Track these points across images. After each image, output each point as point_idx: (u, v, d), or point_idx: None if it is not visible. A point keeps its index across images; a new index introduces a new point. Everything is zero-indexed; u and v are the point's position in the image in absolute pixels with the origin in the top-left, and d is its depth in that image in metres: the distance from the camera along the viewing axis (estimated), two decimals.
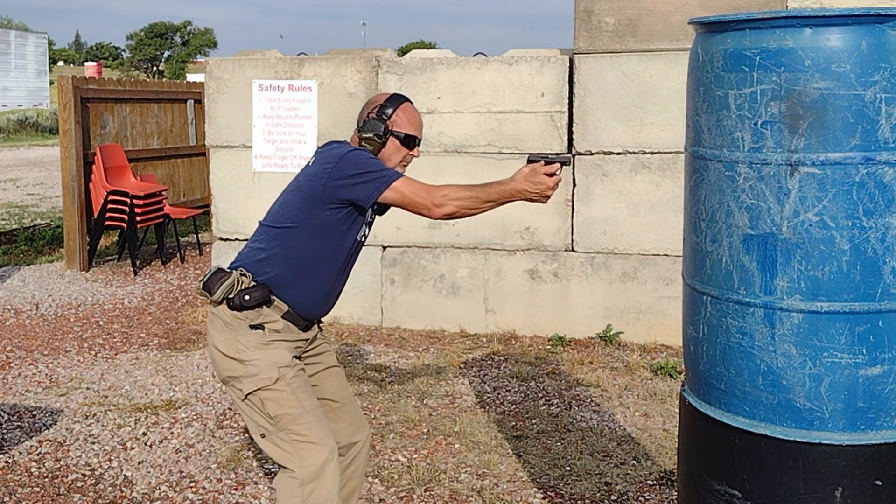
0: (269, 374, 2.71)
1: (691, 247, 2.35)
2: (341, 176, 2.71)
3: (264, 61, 6.53)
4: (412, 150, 2.92)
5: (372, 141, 2.86)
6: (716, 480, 2.28)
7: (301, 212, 2.78)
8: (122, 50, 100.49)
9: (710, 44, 2.23)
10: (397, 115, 2.88)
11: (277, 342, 2.76)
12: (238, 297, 2.71)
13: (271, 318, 2.75)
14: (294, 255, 2.78)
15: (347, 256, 2.88)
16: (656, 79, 5.75)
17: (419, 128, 2.93)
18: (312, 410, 2.74)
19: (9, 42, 43.05)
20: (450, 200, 2.70)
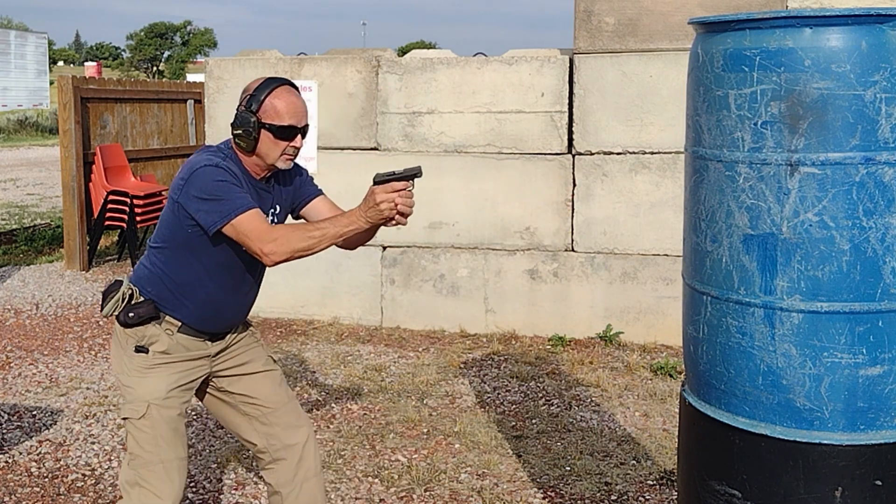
0: (136, 408, 2.60)
1: (691, 247, 2.35)
2: (189, 194, 2.52)
3: (264, 61, 6.53)
4: (292, 141, 2.62)
5: (243, 137, 2.59)
6: (716, 480, 2.28)
7: (168, 231, 2.63)
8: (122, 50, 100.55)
9: (710, 44, 2.23)
10: (267, 103, 2.59)
11: (161, 367, 2.63)
12: (123, 314, 2.61)
13: (155, 338, 2.63)
14: (168, 275, 2.64)
15: (233, 270, 2.67)
16: (656, 79, 5.75)
17: (296, 114, 2.61)
18: (167, 463, 2.61)
19: (9, 42, 43.05)
20: (280, 247, 2.47)
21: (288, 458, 2.83)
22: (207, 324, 2.69)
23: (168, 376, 2.64)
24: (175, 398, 2.66)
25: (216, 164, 2.55)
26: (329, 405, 4.77)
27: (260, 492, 3.74)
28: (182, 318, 2.65)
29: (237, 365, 2.82)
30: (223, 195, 2.51)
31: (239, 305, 2.76)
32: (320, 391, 4.99)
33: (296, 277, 6.53)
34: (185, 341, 2.67)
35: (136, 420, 2.60)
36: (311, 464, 2.86)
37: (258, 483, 3.83)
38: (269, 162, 2.63)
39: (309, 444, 2.87)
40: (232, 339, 2.81)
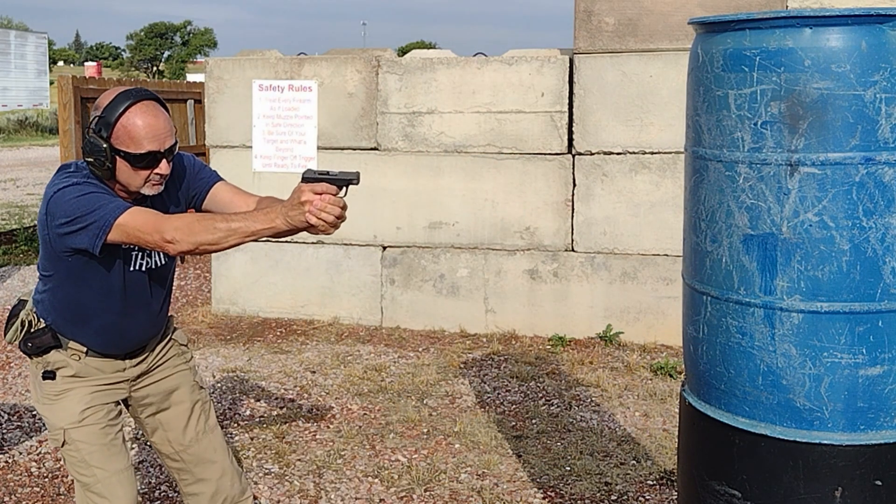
0: (55, 436, 2.48)
1: (691, 247, 2.35)
2: (57, 225, 2.27)
3: (264, 61, 6.53)
4: (156, 168, 2.30)
5: (96, 167, 2.28)
6: (716, 480, 2.28)
7: (46, 261, 2.42)
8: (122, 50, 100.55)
9: (710, 44, 2.23)
10: (120, 127, 2.25)
11: (73, 390, 2.47)
12: (23, 344, 2.46)
13: (63, 363, 2.47)
14: (59, 304, 2.45)
15: (124, 292, 2.45)
16: (656, 79, 5.75)
17: (157, 136, 2.27)
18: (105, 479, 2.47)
19: (9, 42, 43.05)
20: (185, 238, 2.21)
21: (200, 493, 2.70)
22: (113, 347, 2.51)
23: (81, 398, 2.48)
24: (93, 416, 2.48)
25: (72, 184, 2.27)
26: (329, 405, 4.77)
27: (260, 492, 3.74)
28: (88, 342, 2.47)
29: (157, 393, 2.64)
30: (90, 208, 2.23)
31: (144, 324, 2.54)
32: (320, 391, 4.99)
33: (296, 277, 6.54)
34: (96, 363, 2.50)
35: (61, 448, 2.49)
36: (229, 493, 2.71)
37: (258, 483, 3.83)
38: (133, 189, 2.34)
39: (225, 479, 2.70)
40: (155, 358, 2.63)
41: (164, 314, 2.62)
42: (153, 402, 2.65)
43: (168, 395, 2.66)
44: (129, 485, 2.53)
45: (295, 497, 3.70)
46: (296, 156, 6.44)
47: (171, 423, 2.66)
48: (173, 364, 2.68)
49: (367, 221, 6.36)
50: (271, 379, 5.20)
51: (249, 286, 6.65)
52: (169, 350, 2.68)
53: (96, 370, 2.52)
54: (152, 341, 2.62)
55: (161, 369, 2.65)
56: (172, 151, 2.34)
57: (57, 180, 2.31)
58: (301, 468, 3.97)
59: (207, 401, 2.76)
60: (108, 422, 2.53)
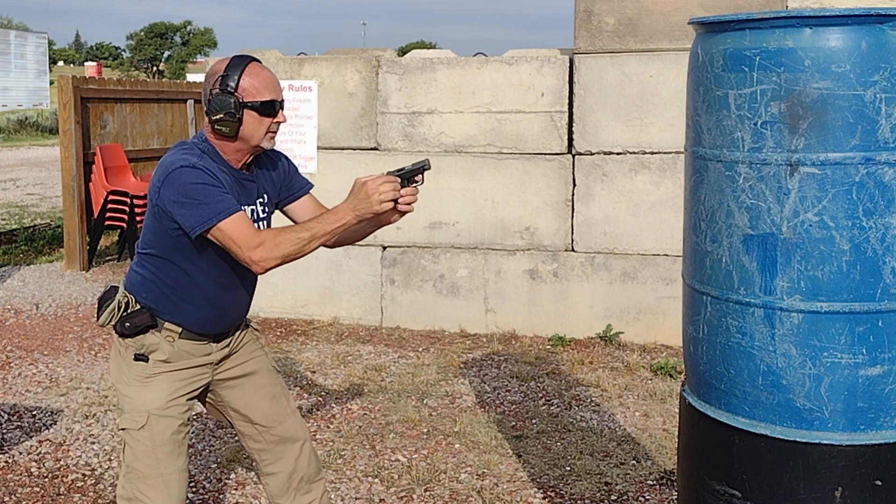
0: (136, 418, 2.50)
1: (691, 247, 2.35)
2: (167, 198, 2.38)
3: (264, 61, 6.51)
4: (276, 117, 2.49)
5: (225, 122, 2.43)
6: (716, 480, 2.28)
7: (154, 235, 2.50)
8: (122, 50, 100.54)
9: (710, 44, 2.23)
10: (244, 81, 2.43)
11: (162, 375, 2.52)
12: (120, 324, 2.50)
13: (155, 346, 2.52)
14: (161, 280, 2.51)
15: (229, 268, 2.53)
16: (656, 79, 5.75)
17: (275, 88, 2.49)
18: (166, 475, 2.51)
19: (9, 42, 43.05)
20: (269, 254, 2.34)
21: (279, 472, 2.76)
22: (209, 326, 2.57)
23: (168, 385, 2.53)
24: (176, 407, 2.54)
25: (193, 165, 2.38)
26: (329, 405, 4.77)
27: (260, 492, 3.74)
28: (182, 322, 2.53)
29: (239, 377, 2.71)
30: (203, 198, 2.35)
31: (239, 302, 2.64)
32: (320, 391, 4.99)
33: (296, 277, 6.53)
34: (187, 347, 2.56)
35: (134, 431, 2.50)
36: (306, 472, 2.79)
37: (258, 483, 3.83)
38: (254, 143, 2.49)
39: (303, 458, 2.78)
40: (236, 343, 2.69)
41: (252, 295, 2.70)
42: (235, 385, 2.70)
43: (248, 377, 2.71)
44: (184, 485, 2.58)
45: None
46: (296, 156, 6.44)
47: (253, 406, 2.71)
48: (250, 349, 2.74)
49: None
50: None
51: None
52: (246, 334, 2.75)
53: (186, 353, 2.55)
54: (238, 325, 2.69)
55: (240, 353, 2.71)
56: (283, 105, 2.53)
57: (177, 156, 2.41)
58: None
59: (284, 383, 2.85)
60: (185, 419, 2.58)
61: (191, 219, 2.35)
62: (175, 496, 2.53)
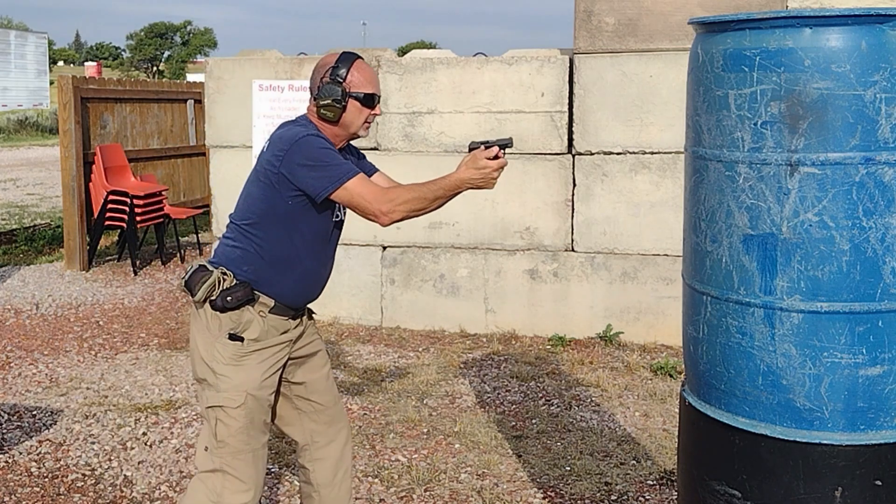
0: (233, 396, 2.61)
1: (691, 247, 2.35)
2: (294, 163, 2.57)
3: (264, 61, 6.53)
4: (374, 110, 2.76)
5: (331, 107, 2.67)
6: (716, 480, 2.28)
7: (264, 204, 2.65)
8: (122, 50, 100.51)
9: (710, 44, 2.23)
10: (352, 74, 2.70)
11: (254, 355, 2.64)
12: (220, 299, 2.61)
13: (249, 324, 2.64)
14: (266, 250, 2.65)
15: (325, 240, 2.75)
16: (656, 79, 5.75)
17: (377, 84, 2.77)
18: (255, 451, 2.66)
19: (9, 42, 43.06)
20: (398, 206, 2.58)
21: (328, 457, 2.89)
22: (301, 299, 2.74)
23: (261, 364, 2.66)
24: (268, 387, 2.68)
25: (315, 134, 2.63)
26: None
27: None
28: (278, 294, 2.66)
29: (305, 356, 2.85)
30: (330, 161, 2.58)
31: (325, 277, 2.83)
32: None
33: None
34: (275, 322, 2.68)
35: (231, 409, 2.61)
36: (348, 464, 2.96)
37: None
38: (352, 131, 2.72)
39: (348, 446, 2.96)
40: (306, 323, 2.85)
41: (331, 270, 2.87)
42: (303, 363, 2.85)
43: (313, 357, 2.88)
44: (265, 461, 2.75)
45: (295, 497, 3.70)
46: None
47: (316, 385, 2.88)
48: (312, 330, 2.91)
49: (366, 221, 6.35)
50: None
51: None
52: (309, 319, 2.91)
53: (275, 330, 2.69)
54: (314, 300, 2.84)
55: (307, 333, 2.87)
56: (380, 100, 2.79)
57: (297, 129, 2.64)
58: None
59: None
60: (271, 399, 2.73)
61: (321, 180, 2.55)
62: (259, 470, 2.69)
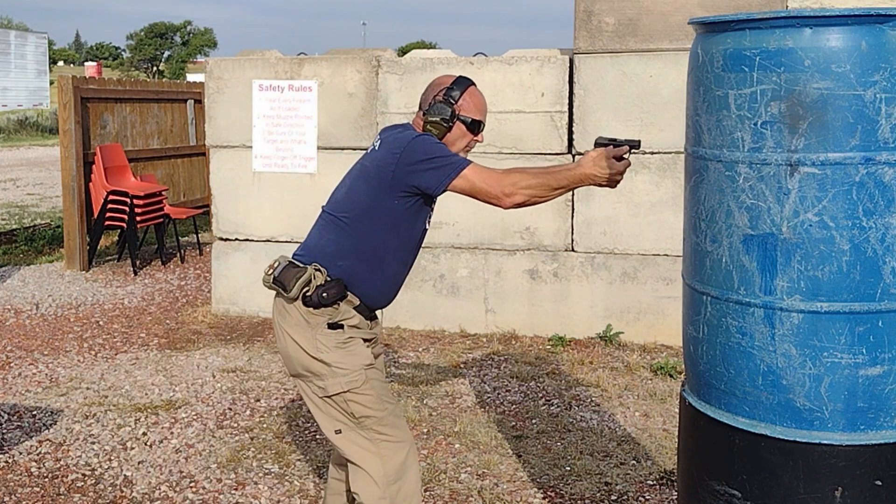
0: (357, 377, 2.69)
1: (691, 247, 2.35)
2: (410, 161, 2.61)
3: (264, 61, 6.53)
4: (477, 136, 2.82)
5: (438, 125, 2.75)
6: (716, 480, 2.28)
7: (369, 199, 2.69)
8: (122, 50, 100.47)
9: (710, 44, 2.23)
10: (464, 99, 2.78)
11: (356, 340, 2.74)
12: (315, 295, 2.65)
13: (348, 314, 2.72)
14: (365, 245, 2.70)
15: (413, 246, 2.81)
16: (656, 79, 5.75)
17: (485, 113, 2.84)
18: (394, 411, 2.77)
19: (9, 42, 43.06)
20: (520, 189, 2.59)
21: None
22: (382, 300, 2.81)
23: (363, 344, 2.76)
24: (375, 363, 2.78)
25: (428, 134, 2.72)
26: None
27: (260, 492, 3.74)
28: (365, 293, 2.73)
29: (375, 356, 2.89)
30: (447, 154, 2.65)
31: (401, 284, 2.87)
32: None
33: None
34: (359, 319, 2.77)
35: (357, 388, 2.68)
36: None
37: (258, 483, 3.83)
38: (453, 151, 2.75)
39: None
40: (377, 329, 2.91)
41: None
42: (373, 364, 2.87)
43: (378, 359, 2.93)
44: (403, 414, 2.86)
45: (295, 497, 3.70)
46: (296, 156, 6.44)
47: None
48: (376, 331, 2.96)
49: None
50: (271, 379, 5.20)
51: (249, 286, 6.64)
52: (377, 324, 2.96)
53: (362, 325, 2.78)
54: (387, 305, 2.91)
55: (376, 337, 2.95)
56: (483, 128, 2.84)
57: (410, 132, 2.72)
58: (301, 468, 3.97)
59: None
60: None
61: (438, 174, 2.60)
62: (403, 424, 2.81)
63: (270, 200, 6.52)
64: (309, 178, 6.43)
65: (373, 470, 2.70)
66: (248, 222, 6.59)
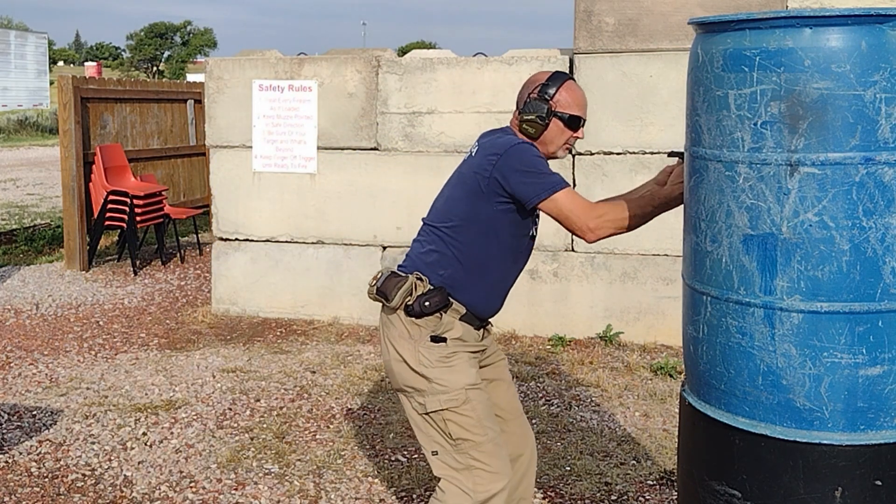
0: (457, 396, 2.59)
1: (691, 247, 2.35)
2: (507, 169, 2.57)
3: (264, 61, 6.53)
4: (576, 132, 2.71)
5: (534, 123, 2.68)
6: (716, 480, 2.28)
7: (468, 207, 2.64)
8: (122, 50, 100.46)
9: (709, 44, 2.23)
10: (560, 94, 2.69)
11: (460, 355, 2.63)
12: (417, 304, 2.60)
13: (450, 325, 2.63)
14: (465, 254, 2.65)
15: (518, 252, 2.74)
16: (656, 79, 5.75)
17: (584, 107, 2.73)
18: (494, 439, 2.63)
19: (9, 42, 43.05)
20: (605, 223, 2.54)
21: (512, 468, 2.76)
22: (488, 309, 2.71)
23: (468, 360, 2.66)
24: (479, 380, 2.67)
25: (528, 143, 2.64)
26: (329, 405, 4.77)
27: (260, 492, 3.74)
28: (469, 301, 2.65)
29: (488, 365, 2.82)
30: (544, 170, 2.57)
31: (509, 290, 2.77)
32: (320, 391, 4.99)
33: (296, 277, 6.54)
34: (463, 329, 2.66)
35: (457, 408, 2.58)
36: (531, 480, 2.91)
37: (258, 483, 3.83)
38: (551, 150, 2.70)
39: (533, 459, 2.91)
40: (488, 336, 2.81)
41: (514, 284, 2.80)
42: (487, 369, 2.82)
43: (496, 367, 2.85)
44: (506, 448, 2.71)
45: (295, 497, 3.70)
46: (296, 156, 6.44)
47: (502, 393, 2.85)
48: (492, 342, 2.87)
49: (367, 221, 6.36)
50: (271, 379, 5.20)
51: (249, 286, 6.65)
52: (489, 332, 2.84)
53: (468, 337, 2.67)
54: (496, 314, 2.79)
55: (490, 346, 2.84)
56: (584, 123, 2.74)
57: (509, 137, 2.67)
58: (301, 468, 3.97)
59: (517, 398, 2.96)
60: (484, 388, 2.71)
61: (533, 187, 2.54)
62: (504, 457, 2.65)
63: (270, 200, 6.52)
64: (309, 178, 6.43)
65: (461, 498, 2.59)
66: (247, 222, 6.59)
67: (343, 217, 6.41)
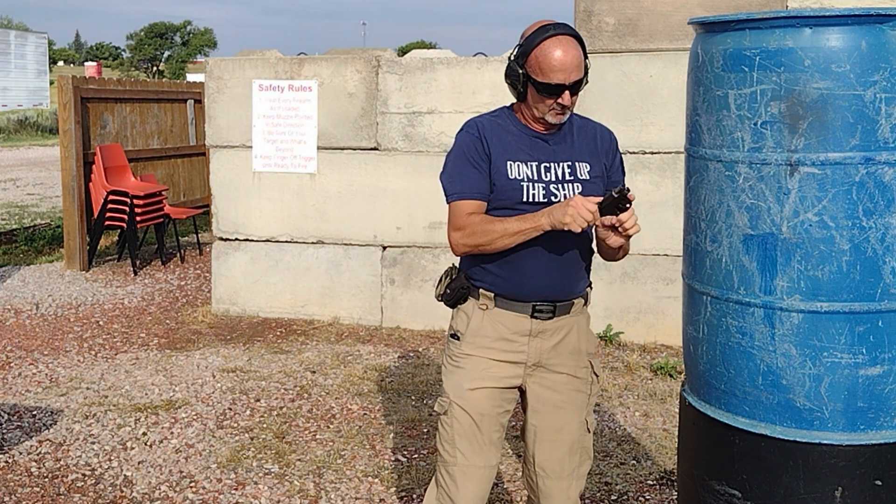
0: (442, 401, 2.50)
1: (691, 247, 2.35)
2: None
3: (264, 61, 6.53)
4: (558, 98, 2.38)
5: (512, 88, 2.46)
6: (716, 480, 2.28)
7: None
8: (122, 50, 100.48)
9: (710, 44, 2.23)
10: (533, 57, 2.37)
11: (471, 358, 2.48)
12: (444, 292, 2.56)
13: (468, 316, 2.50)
14: None
15: None
16: (656, 79, 5.75)
17: (563, 70, 2.34)
18: (465, 469, 2.45)
19: (9, 42, 43.04)
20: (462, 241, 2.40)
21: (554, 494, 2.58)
22: (515, 288, 2.44)
23: (475, 372, 2.46)
24: (480, 401, 2.46)
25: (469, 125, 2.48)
26: (329, 405, 4.77)
27: (260, 492, 3.74)
28: (489, 284, 2.46)
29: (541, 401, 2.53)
30: (453, 172, 2.46)
31: (547, 267, 2.44)
32: (320, 391, 4.99)
33: (296, 277, 6.53)
34: (501, 317, 2.46)
35: (442, 415, 2.51)
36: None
37: (258, 483, 3.83)
38: (538, 115, 2.44)
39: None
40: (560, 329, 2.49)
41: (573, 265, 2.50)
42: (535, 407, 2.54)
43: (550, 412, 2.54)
44: (482, 483, 2.48)
45: (295, 497, 3.70)
46: (296, 156, 6.44)
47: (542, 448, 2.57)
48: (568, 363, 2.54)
49: (367, 221, 6.36)
50: (271, 379, 5.20)
51: (249, 286, 6.65)
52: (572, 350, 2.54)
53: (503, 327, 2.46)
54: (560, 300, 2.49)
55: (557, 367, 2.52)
56: (578, 86, 2.41)
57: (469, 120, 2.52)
58: (301, 468, 3.97)
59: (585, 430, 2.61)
60: (489, 414, 2.47)
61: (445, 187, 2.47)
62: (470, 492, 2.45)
63: (270, 200, 6.52)
64: (309, 178, 6.43)
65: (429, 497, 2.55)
66: (248, 222, 6.58)
67: (343, 217, 6.41)
